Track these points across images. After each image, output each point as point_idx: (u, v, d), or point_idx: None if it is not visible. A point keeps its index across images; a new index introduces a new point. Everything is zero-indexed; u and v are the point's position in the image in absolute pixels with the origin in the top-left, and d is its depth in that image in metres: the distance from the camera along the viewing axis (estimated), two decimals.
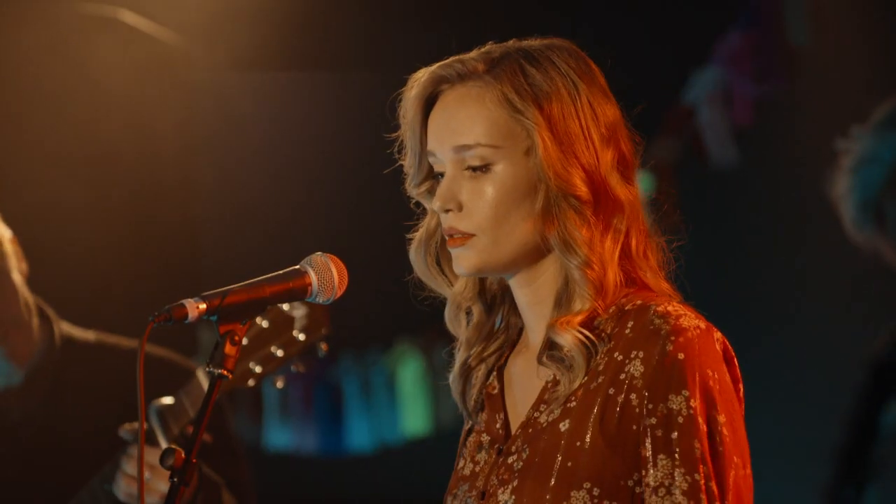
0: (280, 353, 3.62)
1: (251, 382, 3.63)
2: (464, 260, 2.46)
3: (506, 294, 2.58)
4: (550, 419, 2.43)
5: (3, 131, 5.16)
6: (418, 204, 2.58)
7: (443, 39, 2.66)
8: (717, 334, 2.42)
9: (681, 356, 2.36)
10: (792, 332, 5.30)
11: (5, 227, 4.04)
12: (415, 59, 2.53)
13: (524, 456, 2.44)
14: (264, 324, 3.62)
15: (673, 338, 2.37)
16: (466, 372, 2.59)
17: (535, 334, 2.52)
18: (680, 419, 2.35)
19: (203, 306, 2.34)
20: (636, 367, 2.38)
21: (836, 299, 5.20)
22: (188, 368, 3.96)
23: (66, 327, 4.11)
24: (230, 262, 2.49)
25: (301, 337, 3.61)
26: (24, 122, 5.17)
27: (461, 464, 2.57)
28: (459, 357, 2.59)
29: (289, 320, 3.63)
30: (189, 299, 2.34)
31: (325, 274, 2.44)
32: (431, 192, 2.53)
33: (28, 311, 4.02)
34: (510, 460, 2.46)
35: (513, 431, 2.50)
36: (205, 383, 3.61)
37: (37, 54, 5.20)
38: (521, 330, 2.59)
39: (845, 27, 5.11)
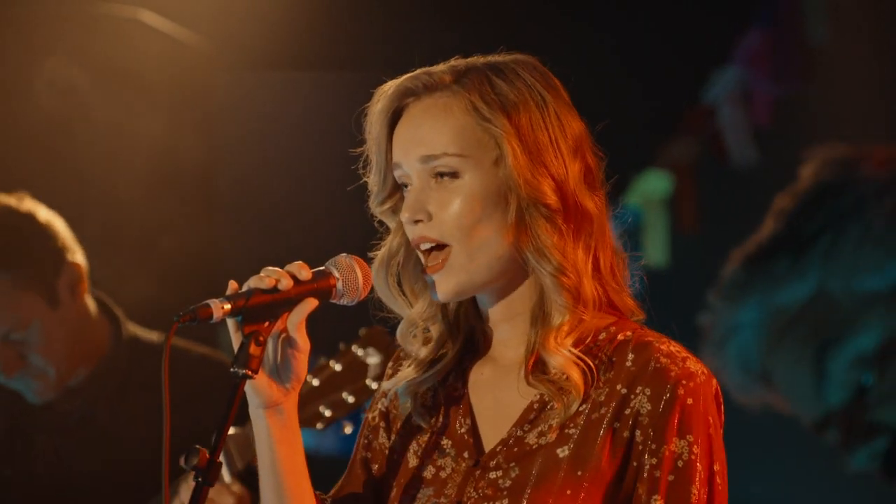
0: (351, 399, 3.58)
1: (319, 426, 3.59)
2: (441, 285, 2.44)
3: (468, 315, 2.54)
4: (543, 442, 2.41)
5: (3, 132, 5.17)
6: (382, 222, 2.56)
7: (460, 39, 2.66)
8: (714, 380, 2.43)
9: (690, 401, 2.38)
10: None
11: (79, 248, 4.03)
12: (438, 60, 2.53)
13: (513, 475, 2.41)
14: (337, 367, 3.58)
15: (684, 382, 2.38)
16: (415, 389, 2.55)
17: (508, 349, 2.50)
18: (680, 463, 2.37)
19: (228, 306, 2.34)
20: (643, 404, 2.38)
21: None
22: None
23: (132, 327, 4.11)
24: (252, 263, 2.49)
25: (374, 385, 3.56)
26: (32, 122, 5.18)
27: (414, 461, 2.53)
28: (408, 374, 2.55)
29: (362, 367, 3.59)
30: (214, 299, 2.35)
31: (350, 275, 2.44)
32: (395, 211, 2.51)
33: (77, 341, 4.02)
34: (493, 476, 2.43)
35: (485, 443, 2.47)
36: None
37: (53, 54, 5.21)
38: (484, 334, 2.54)
39: (864, 27, 5.10)
